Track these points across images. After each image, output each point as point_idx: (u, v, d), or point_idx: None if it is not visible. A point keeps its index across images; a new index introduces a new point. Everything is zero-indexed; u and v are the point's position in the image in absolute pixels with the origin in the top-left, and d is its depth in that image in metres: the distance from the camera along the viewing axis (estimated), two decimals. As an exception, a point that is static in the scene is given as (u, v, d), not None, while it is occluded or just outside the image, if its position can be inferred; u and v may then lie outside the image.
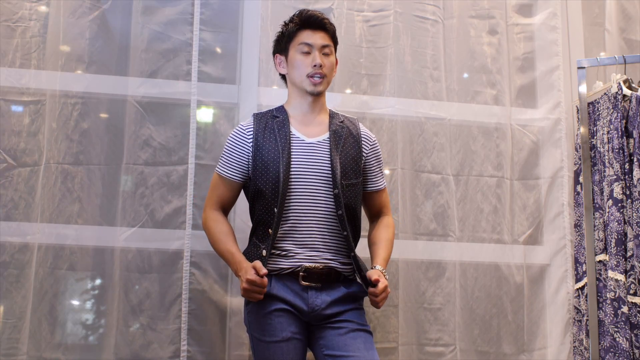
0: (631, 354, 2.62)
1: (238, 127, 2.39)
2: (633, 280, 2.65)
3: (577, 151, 2.94)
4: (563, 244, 2.96)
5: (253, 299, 2.16)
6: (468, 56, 3.05)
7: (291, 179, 2.25)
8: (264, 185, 2.26)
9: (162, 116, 2.76)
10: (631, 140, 2.75)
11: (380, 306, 2.21)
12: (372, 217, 2.49)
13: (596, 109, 2.91)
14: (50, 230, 2.60)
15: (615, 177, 2.74)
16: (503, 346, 2.85)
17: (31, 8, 2.73)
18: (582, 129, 2.88)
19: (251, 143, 2.33)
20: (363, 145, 2.40)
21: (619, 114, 2.77)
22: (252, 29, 2.87)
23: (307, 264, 2.23)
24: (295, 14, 2.40)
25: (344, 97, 2.90)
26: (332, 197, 2.26)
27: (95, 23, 2.76)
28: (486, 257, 2.90)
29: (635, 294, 2.65)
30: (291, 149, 2.28)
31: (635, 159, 2.71)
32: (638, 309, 2.64)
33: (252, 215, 2.35)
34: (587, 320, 2.76)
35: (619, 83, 2.81)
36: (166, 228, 2.67)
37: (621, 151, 2.74)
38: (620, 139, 2.75)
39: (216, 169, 2.39)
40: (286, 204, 2.24)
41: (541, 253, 2.97)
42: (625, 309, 2.64)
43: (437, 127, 2.95)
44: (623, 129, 2.76)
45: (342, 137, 2.35)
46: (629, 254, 2.67)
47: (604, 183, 2.79)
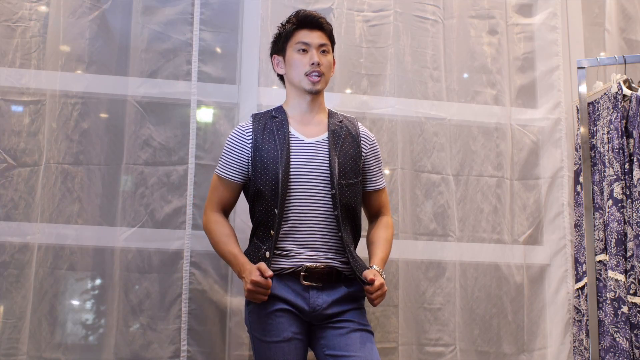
0: (631, 354, 2.62)
1: (237, 128, 2.38)
2: (633, 280, 2.65)
3: (577, 151, 2.94)
4: (563, 244, 2.96)
5: (257, 301, 2.16)
6: (468, 56, 3.05)
7: (290, 179, 2.25)
8: (264, 185, 2.26)
9: (162, 116, 2.75)
10: (631, 140, 2.75)
11: (376, 304, 2.21)
12: (371, 217, 2.49)
13: (596, 109, 2.91)
14: (50, 230, 2.60)
15: (615, 177, 2.74)
16: (503, 346, 2.85)
17: (31, 8, 2.73)
18: (582, 129, 2.88)
19: (250, 144, 2.32)
20: (362, 144, 2.39)
21: (619, 114, 2.77)
22: (252, 29, 2.87)
23: (308, 264, 2.22)
24: (291, 15, 2.41)
25: (344, 97, 2.90)
26: (330, 198, 2.26)
27: (95, 23, 2.76)
28: (486, 257, 2.90)
29: (635, 294, 2.65)
30: (290, 149, 2.28)
31: (635, 159, 2.71)
32: (638, 309, 2.64)
33: (252, 216, 2.35)
34: (587, 320, 2.76)
35: (619, 83, 2.80)
36: (166, 228, 2.67)
37: (621, 151, 2.74)
38: (620, 139, 2.74)
39: (216, 171, 2.39)
40: (286, 205, 2.24)
41: (541, 253, 2.97)
42: (625, 309, 2.64)
43: (437, 127, 2.95)
44: (623, 129, 2.75)
45: (341, 137, 2.35)
46: (629, 254, 2.67)
47: (604, 183, 2.79)
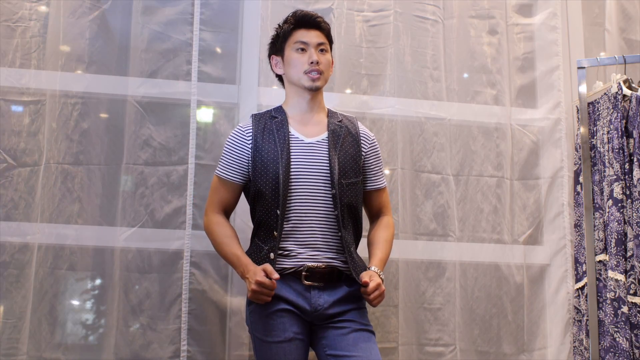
0: (631, 354, 2.62)
1: (237, 129, 2.38)
2: (633, 280, 2.65)
3: (577, 151, 2.94)
4: (563, 244, 2.96)
5: (260, 301, 2.15)
6: (468, 56, 3.04)
7: (291, 180, 2.25)
8: (264, 186, 2.26)
9: (162, 116, 2.75)
10: (631, 140, 2.75)
11: (375, 304, 2.20)
12: (372, 217, 2.49)
13: (596, 109, 2.91)
14: (50, 230, 2.60)
15: (615, 177, 2.73)
16: (503, 346, 2.85)
17: (31, 8, 2.73)
18: (582, 129, 2.88)
19: (250, 144, 2.32)
20: (362, 144, 2.39)
21: (619, 114, 2.77)
22: (252, 29, 2.87)
23: (310, 264, 2.22)
24: (289, 15, 2.41)
25: (344, 97, 2.90)
26: (331, 197, 2.26)
27: (95, 23, 2.76)
28: (486, 257, 2.90)
29: (635, 294, 2.65)
30: (290, 150, 2.28)
31: (635, 159, 2.71)
32: (638, 309, 2.64)
33: (253, 216, 2.34)
34: (587, 320, 2.76)
35: (619, 83, 2.80)
36: (166, 228, 2.67)
37: (621, 151, 2.74)
38: (620, 139, 2.74)
39: (216, 172, 2.39)
40: (287, 205, 2.24)
41: (541, 253, 2.97)
42: (625, 309, 2.63)
43: (437, 127, 2.95)
44: (623, 129, 2.75)
45: (341, 137, 2.35)
46: (629, 254, 2.67)
47: (604, 183, 2.79)
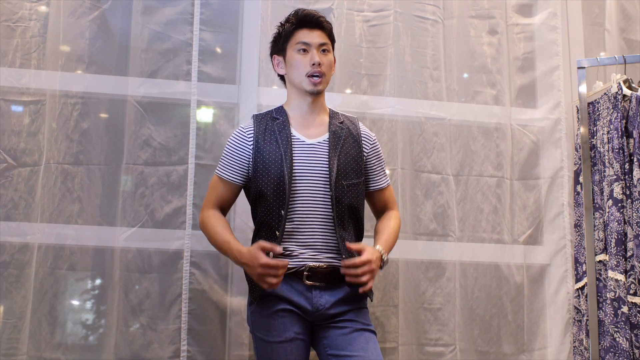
0: (631, 354, 2.62)
1: (238, 130, 2.37)
2: (633, 280, 2.65)
3: (577, 151, 2.94)
4: (563, 244, 2.96)
5: (269, 286, 2.10)
6: (468, 56, 3.05)
7: (294, 181, 2.25)
8: (266, 187, 2.26)
9: (162, 116, 2.76)
10: (631, 140, 2.75)
11: (359, 282, 2.12)
12: (378, 213, 2.49)
13: (596, 109, 2.91)
14: (50, 230, 2.60)
15: (615, 177, 2.73)
16: (503, 346, 2.85)
17: (31, 8, 2.73)
18: (582, 129, 2.88)
19: (252, 145, 2.32)
20: (363, 144, 2.39)
21: (619, 114, 2.77)
22: (252, 29, 2.87)
23: (312, 264, 2.22)
24: (291, 14, 2.39)
25: (344, 97, 2.90)
26: (330, 198, 2.26)
27: (95, 23, 2.76)
28: (486, 257, 2.90)
29: (635, 294, 2.65)
30: (293, 151, 2.28)
31: (635, 159, 2.71)
32: (638, 309, 2.64)
33: (255, 217, 2.34)
34: (587, 320, 2.76)
35: (619, 83, 2.80)
36: (166, 228, 2.68)
37: (621, 151, 2.74)
38: (620, 139, 2.74)
39: (216, 171, 2.38)
40: (290, 206, 2.24)
41: (541, 253, 2.97)
42: (625, 309, 2.63)
43: (437, 127, 2.95)
44: (623, 129, 2.75)
45: (342, 138, 2.34)
46: (629, 254, 2.67)
47: (604, 183, 2.79)
